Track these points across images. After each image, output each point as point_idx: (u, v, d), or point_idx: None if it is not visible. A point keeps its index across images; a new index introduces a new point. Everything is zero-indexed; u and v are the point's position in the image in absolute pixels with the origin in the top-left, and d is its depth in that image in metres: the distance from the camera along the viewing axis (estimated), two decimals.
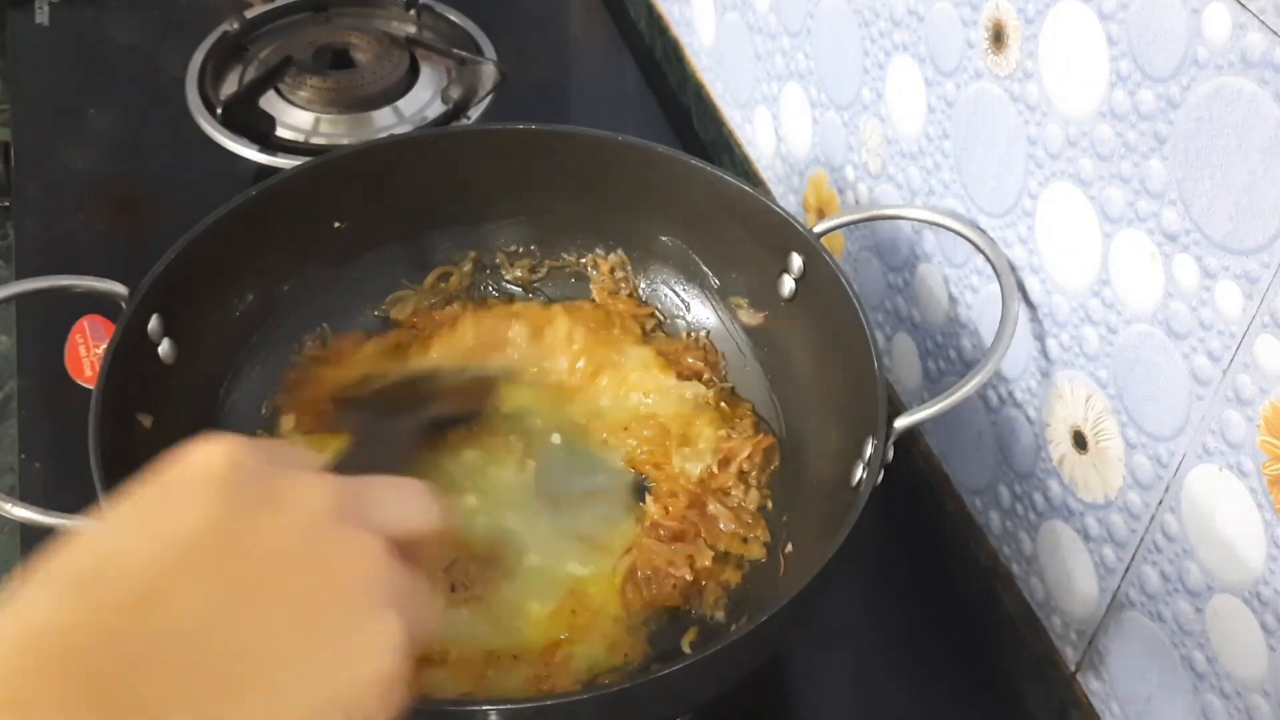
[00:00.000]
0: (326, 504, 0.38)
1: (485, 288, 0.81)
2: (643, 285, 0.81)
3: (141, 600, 0.33)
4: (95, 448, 0.58)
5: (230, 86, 1.02)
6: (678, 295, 0.80)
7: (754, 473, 0.72)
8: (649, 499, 0.71)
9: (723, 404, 0.76)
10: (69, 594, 0.33)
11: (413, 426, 0.62)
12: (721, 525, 0.70)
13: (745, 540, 0.70)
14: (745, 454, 0.72)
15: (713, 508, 0.70)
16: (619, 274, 0.81)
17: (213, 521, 0.35)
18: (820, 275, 0.70)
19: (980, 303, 0.69)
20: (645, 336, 0.79)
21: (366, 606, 0.37)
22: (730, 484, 0.71)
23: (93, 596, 0.32)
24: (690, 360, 0.78)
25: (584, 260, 0.81)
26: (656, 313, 0.80)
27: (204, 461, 0.37)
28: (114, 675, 0.31)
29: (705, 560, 0.68)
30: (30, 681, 0.30)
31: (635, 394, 0.75)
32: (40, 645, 0.31)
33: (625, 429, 0.74)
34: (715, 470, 0.72)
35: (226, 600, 0.34)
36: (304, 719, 0.34)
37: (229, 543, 0.35)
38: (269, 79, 0.99)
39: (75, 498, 0.57)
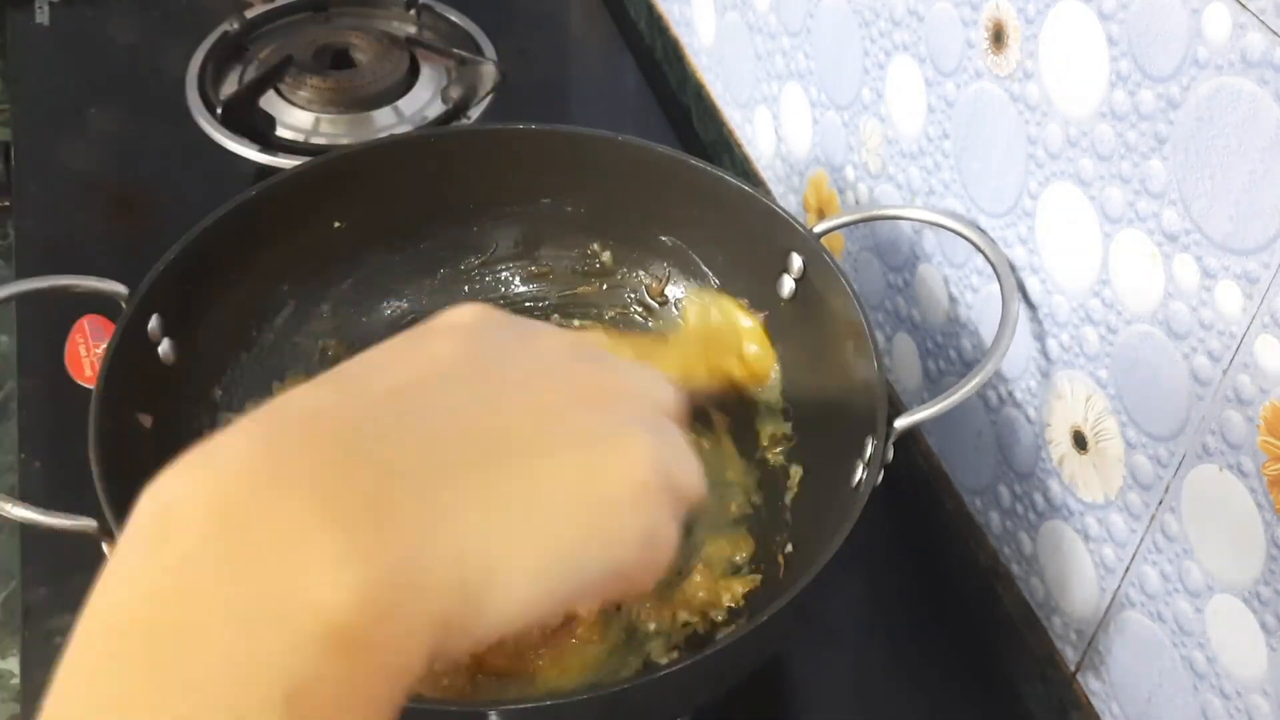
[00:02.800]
0: (585, 346, 0.38)
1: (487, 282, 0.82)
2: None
3: (395, 392, 0.33)
4: (95, 448, 0.58)
5: (230, 86, 1.02)
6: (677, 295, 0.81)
7: None
8: None
9: None
10: (326, 390, 0.33)
11: None
12: None
13: None
14: None
15: None
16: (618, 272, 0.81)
17: (464, 350, 0.35)
18: (820, 275, 0.70)
19: (980, 303, 0.69)
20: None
21: (620, 421, 0.36)
22: None
23: (347, 390, 0.33)
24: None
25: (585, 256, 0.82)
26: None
27: (458, 314, 0.37)
28: (361, 442, 0.31)
29: None
30: (286, 446, 0.30)
31: None
32: (301, 419, 0.31)
33: None
34: None
35: (474, 401, 0.34)
36: (556, 517, 0.33)
37: (481, 363, 0.35)
38: (269, 79, 0.99)
39: (75, 498, 0.57)
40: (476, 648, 0.32)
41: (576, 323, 0.81)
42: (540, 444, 0.34)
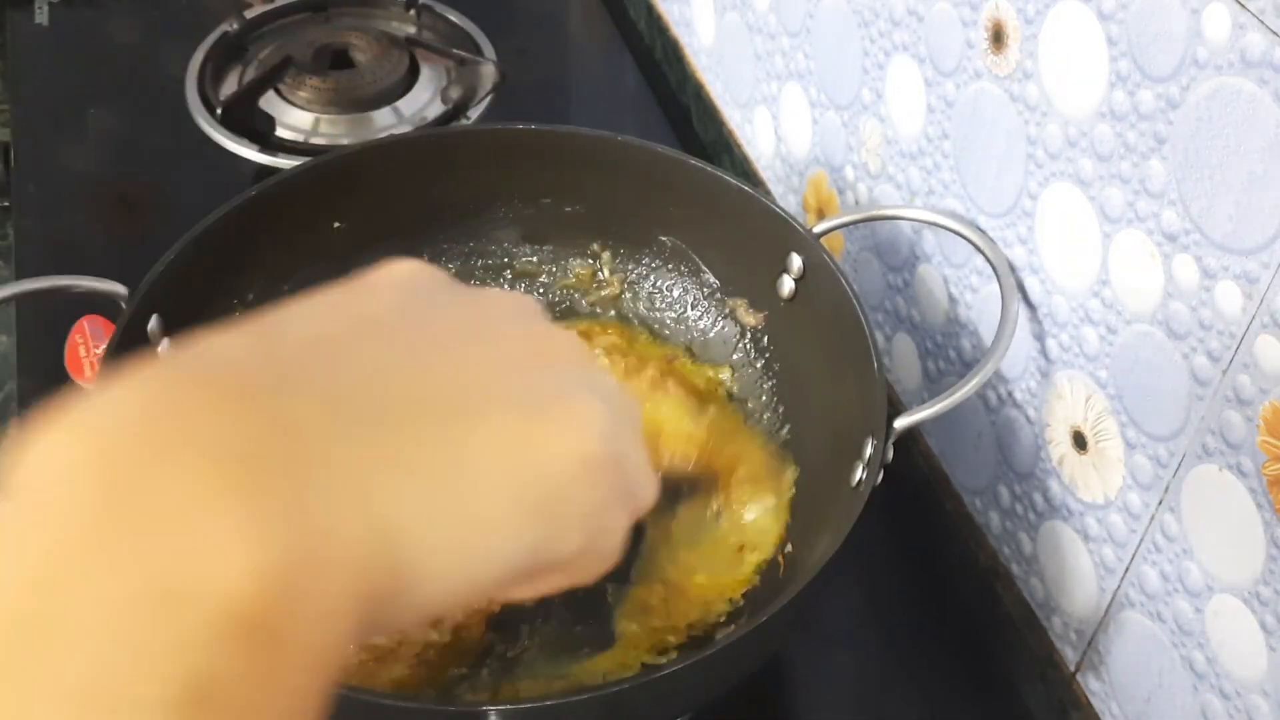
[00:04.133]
0: (530, 308, 0.35)
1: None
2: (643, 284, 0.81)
3: (312, 344, 0.29)
4: None
5: (230, 86, 1.02)
6: (677, 295, 0.80)
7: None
8: None
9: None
10: (235, 338, 0.29)
11: None
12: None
13: None
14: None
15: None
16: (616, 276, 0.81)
17: (393, 305, 0.32)
18: (820, 275, 0.70)
19: (980, 303, 0.69)
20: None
21: (565, 385, 0.32)
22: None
23: (259, 339, 0.29)
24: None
25: (584, 267, 0.82)
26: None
27: (392, 268, 0.33)
28: (267, 397, 0.27)
29: None
30: (180, 399, 0.26)
31: None
32: (201, 369, 0.27)
33: None
34: None
35: (398, 360, 0.30)
36: (484, 490, 0.29)
37: (410, 320, 0.31)
38: (269, 79, 0.99)
39: None
40: (400, 630, 0.29)
41: (581, 324, 0.81)
42: (470, 407, 0.30)
